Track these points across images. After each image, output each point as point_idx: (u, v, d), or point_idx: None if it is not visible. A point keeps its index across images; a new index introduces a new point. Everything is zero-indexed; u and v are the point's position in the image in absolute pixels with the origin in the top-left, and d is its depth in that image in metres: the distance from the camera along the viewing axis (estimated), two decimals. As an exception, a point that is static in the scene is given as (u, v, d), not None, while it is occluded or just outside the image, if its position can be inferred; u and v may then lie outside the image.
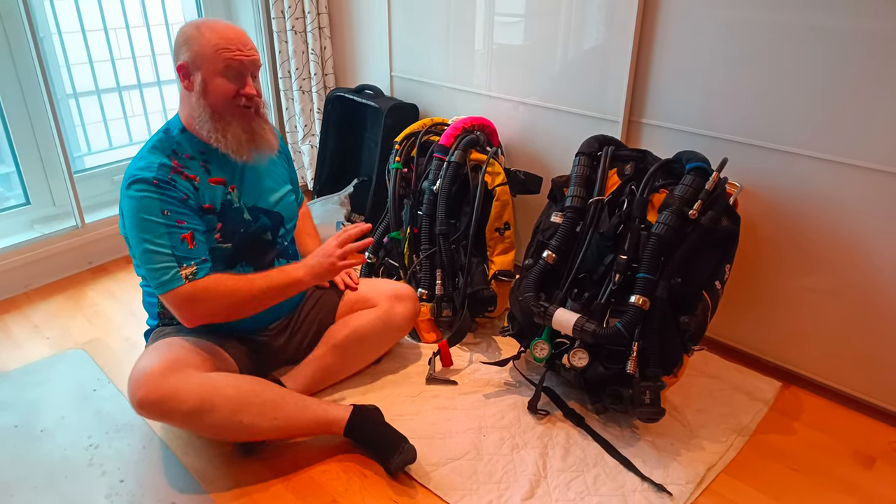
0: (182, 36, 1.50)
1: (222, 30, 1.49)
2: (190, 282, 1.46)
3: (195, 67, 1.49)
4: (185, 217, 1.48)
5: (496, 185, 1.99)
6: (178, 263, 1.46)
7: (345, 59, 2.80)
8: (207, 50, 1.47)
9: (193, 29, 1.50)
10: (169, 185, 1.46)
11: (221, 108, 1.51)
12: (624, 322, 1.54)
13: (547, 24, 2.05)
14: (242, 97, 1.51)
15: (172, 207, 1.46)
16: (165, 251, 1.45)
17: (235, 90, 1.50)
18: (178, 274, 1.45)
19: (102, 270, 2.48)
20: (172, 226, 1.46)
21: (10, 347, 2.02)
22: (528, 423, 1.69)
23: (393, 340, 1.88)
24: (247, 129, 1.54)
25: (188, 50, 1.49)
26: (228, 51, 1.48)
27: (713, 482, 1.53)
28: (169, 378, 1.41)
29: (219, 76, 1.49)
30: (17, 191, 2.41)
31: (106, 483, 1.52)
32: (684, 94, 1.83)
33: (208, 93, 1.50)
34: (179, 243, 1.46)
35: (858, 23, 1.50)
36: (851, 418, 1.74)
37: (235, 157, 1.54)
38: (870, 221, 1.62)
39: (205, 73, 1.49)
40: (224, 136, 1.52)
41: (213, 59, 1.47)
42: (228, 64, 1.48)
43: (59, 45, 2.54)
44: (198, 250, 1.49)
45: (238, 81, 1.50)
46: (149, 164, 1.47)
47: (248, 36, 1.53)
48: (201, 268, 1.48)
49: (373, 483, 1.51)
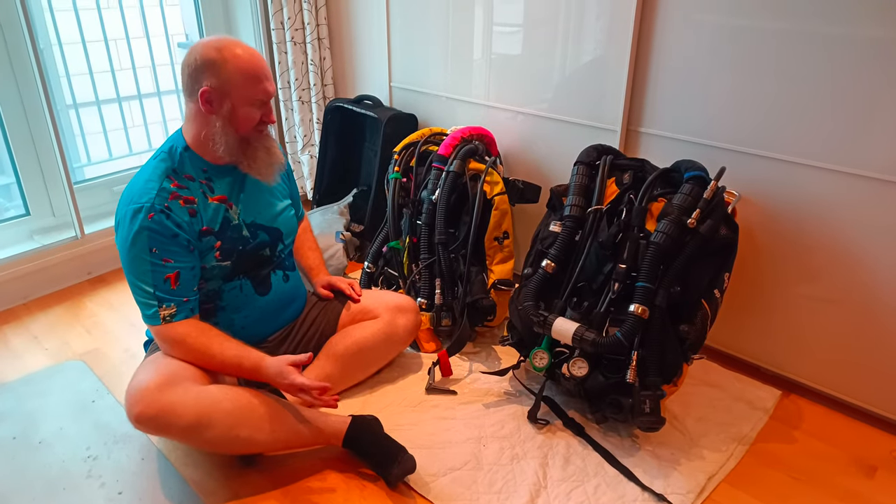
0: (202, 59, 1.45)
1: (248, 58, 1.48)
2: (167, 323, 1.48)
3: (223, 94, 1.47)
4: (173, 255, 1.48)
5: (495, 194, 1.99)
6: (159, 303, 1.48)
7: (344, 70, 2.81)
8: (237, 79, 1.46)
9: (216, 53, 1.45)
10: (164, 214, 1.45)
11: (248, 135, 1.54)
12: (623, 331, 1.54)
13: (545, 33, 2.06)
14: (263, 124, 1.55)
15: (161, 245, 1.46)
16: (148, 289, 1.47)
17: (260, 117, 1.53)
18: (158, 313, 1.48)
19: (101, 281, 2.48)
20: (158, 264, 1.46)
21: (9, 358, 2.02)
22: (527, 432, 1.68)
23: (394, 353, 1.88)
24: (267, 150, 1.58)
25: (213, 76, 1.46)
26: (259, 81, 1.49)
27: (714, 492, 1.52)
28: (166, 393, 1.40)
29: (247, 105, 1.50)
30: (16, 201, 2.41)
31: (104, 495, 1.51)
32: (682, 104, 1.83)
33: (238, 121, 1.50)
34: (162, 283, 1.47)
35: (856, 31, 1.51)
36: (852, 427, 1.74)
37: (264, 180, 1.59)
38: (869, 230, 1.63)
39: (234, 101, 1.48)
40: (253, 162, 1.55)
41: (245, 89, 1.47)
42: (261, 98, 1.51)
43: (59, 56, 2.55)
44: (180, 290, 1.49)
45: (263, 109, 1.53)
46: (148, 191, 1.47)
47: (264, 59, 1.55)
48: (181, 309, 1.50)
49: (372, 493, 1.51)
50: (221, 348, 1.52)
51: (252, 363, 1.51)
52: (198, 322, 1.53)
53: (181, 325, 1.50)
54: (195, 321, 1.52)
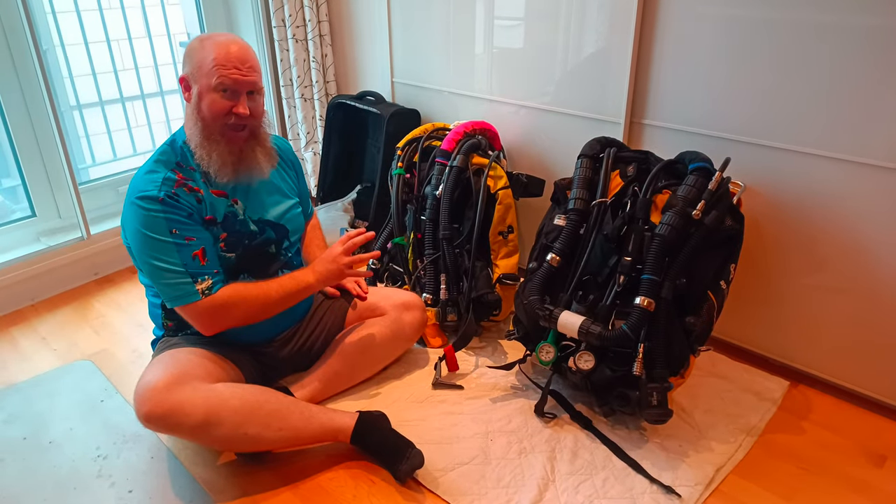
0: (187, 48, 1.52)
1: (225, 45, 1.48)
2: (207, 296, 1.49)
3: (194, 80, 1.51)
4: (194, 232, 1.49)
5: (499, 188, 1.99)
6: (194, 279, 1.48)
7: (346, 67, 2.80)
8: (206, 64, 1.48)
9: (198, 42, 1.51)
10: (174, 199, 1.47)
11: (212, 125, 1.51)
12: (629, 324, 1.54)
13: (547, 26, 2.05)
14: (233, 116, 1.50)
15: (180, 225, 1.47)
16: (178, 269, 1.47)
17: (228, 108, 1.49)
18: (194, 289, 1.48)
19: (108, 281, 2.49)
20: (182, 244, 1.47)
21: (17, 360, 2.03)
22: (535, 426, 1.68)
23: (401, 349, 1.88)
24: (233, 150, 1.54)
25: (189, 62, 1.51)
26: (224, 67, 1.47)
27: (722, 483, 1.52)
28: (174, 392, 1.41)
29: (212, 92, 1.48)
30: (22, 203, 2.42)
31: (115, 494, 1.52)
32: (686, 95, 1.82)
33: (201, 107, 1.50)
34: (191, 260, 1.48)
35: (861, 19, 1.50)
36: (861, 416, 1.73)
37: (217, 178, 1.54)
38: (875, 218, 1.62)
39: (200, 87, 1.49)
40: (209, 155, 1.52)
41: (209, 74, 1.47)
42: (221, 81, 1.47)
43: (62, 58, 2.56)
44: (210, 265, 1.51)
45: (232, 99, 1.49)
46: (153, 180, 1.47)
47: (252, 54, 1.52)
48: (216, 281, 1.51)
49: (381, 489, 1.51)
50: (272, 285, 1.58)
51: (304, 273, 1.63)
52: (232, 284, 1.55)
53: (223, 291, 1.51)
54: (230, 285, 1.54)
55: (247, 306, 1.54)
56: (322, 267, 1.64)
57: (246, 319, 1.57)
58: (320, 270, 1.64)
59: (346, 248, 1.65)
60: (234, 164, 1.54)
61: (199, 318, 1.52)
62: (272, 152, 1.64)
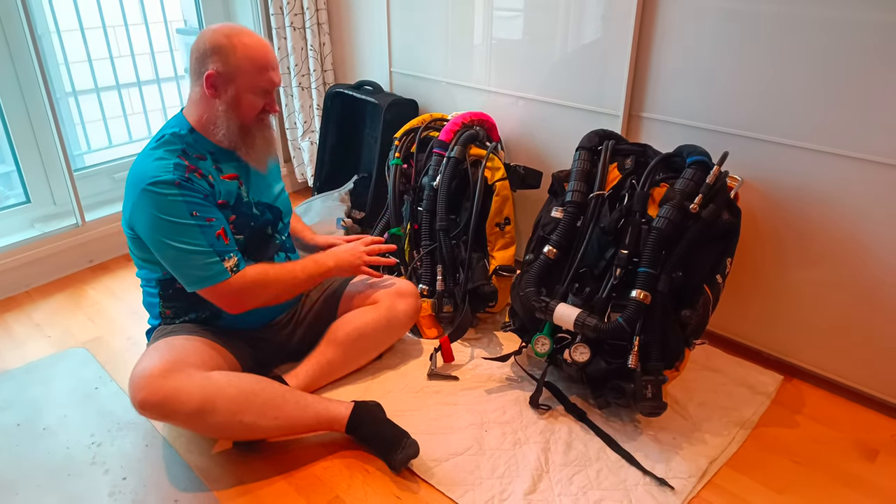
0: (211, 44, 1.49)
1: (257, 46, 1.50)
2: (235, 273, 1.52)
3: (228, 80, 1.50)
4: (213, 213, 1.51)
5: (496, 180, 1.99)
6: (221, 258, 1.50)
7: (344, 56, 2.79)
8: (245, 65, 1.49)
9: (224, 38, 1.48)
10: (189, 183, 1.47)
11: (249, 123, 1.55)
12: (625, 316, 1.54)
13: (546, 18, 2.04)
14: (266, 113, 1.57)
15: (199, 207, 1.48)
16: (205, 249, 1.48)
17: (263, 106, 1.55)
18: (223, 267, 1.50)
19: (103, 269, 2.48)
20: (204, 225, 1.48)
21: (11, 346, 2.03)
22: (529, 418, 1.69)
23: (395, 337, 1.88)
24: (265, 139, 1.61)
25: (220, 61, 1.48)
26: (267, 72, 1.52)
27: (715, 476, 1.53)
28: (170, 379, 1.41)
29: (251, 93, 1.52)
30: (17, 189, 2.41)
31: (109, 481, 1.52)
32: (685, 88, 1.82)
33: (240, 107, 1.53)
34: (216, 240, 1.49)
35: (860, 14, 1.50)
36: (854, 411, 1.74)
37: (258, 167, 1.62)
38: (872, 214, 1.62)
39: (239, 88, 1.51)
40: (251, 149, 1.58)
41: (251, 77, 1.50)
42: (266, 87, 1.53)
43: (57, 44, 2.54)
44: (232, 243, 1.54)
45: (266, 99, 1.55)
46: (165, 167, 1.47)
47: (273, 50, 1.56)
48: (240, 259, 1.54)
49: (375, 479, 1.51)
50: (296, 266, 1.65)
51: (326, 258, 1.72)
52: (256, 264, 1.59)
53: (249, 269, 1.55)
54: (253, 265, 1.57)
55: (274, 285, 1.60)
56: (344, 256, 1.75)
57: (273, 299, 1.62)
58: (341, 258, 1.74)
59: (371, 250, 1.80)
60: (268, 152, 1.63)
61: (227, 296, 1.53)
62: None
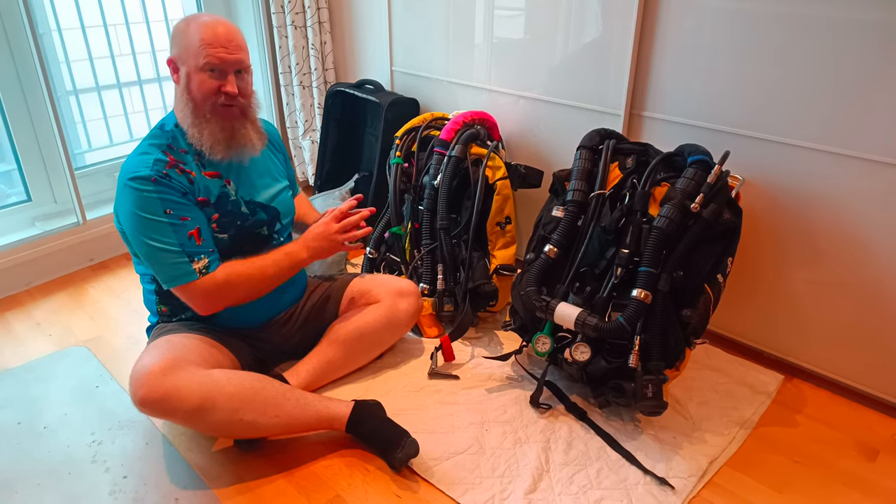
0: (174, 30, 1.52)
1: (211, 26, 1.49)
2: (203, 275, 1.50)
3: (181, 62, 1.51)
4: (188, 212, 1.49)
5: (497, 179, 1.99)
6: (190, 259, 1.49)
7: (345, 54, 2.79)
8: (192, 45, 1.48)
9: (183, 23, 1.51)
10: (167, 179, 1.47)
11: (202, 105, 1.52)
12: (626, 316, 1.54)
13: (547, 16, 2.04)
14: (222, 95, 1.51)
15: (174, 205, 1.47)
16: (174, 248, 1.47)
17: (217, 87, 1.51)
18: (192, 268, 1.49)
19: (103, 267, 2.48)
20: (177, 224, 1.47)
21: (12, 344, 2.03)
22: (530, 417, 1.69)
23: (396, 337, 1.88)
24: (225, 127, 1.54)
25: (176, 44, 1.51)
26: (211, 47, 1.48)
27: (716, 475, 1.53)
28: (170, 376, 1.41)
29: (200, 72, 1.49)
30: (18, 188, 2.41)
31: (109, 479, 1.52)
32: (686, 87, 1.82)
33: (191, 87, 1.51)
34: (187, 240, 1.48)
35: (861, 13, 1.49)
36: (854, 410, 1.74)
37: (211, 156, 1.54)
38: (873, 214, 1.62)
39: (188, 68, 1.50)
40: (200, 134, 1.53)
41: (196, 55, 1.48)
42: (209, 60, 1.48)
43: (58, 42, 2.53)
44: (205, 244, 1.52)
45: (220, 78, 1.51)
46: (144, 162, 1.48)
47: (238, 33, 1.52)
48: (212, 260, 1.52)
49: (376, 478, 1.51)
50: (266, 261, 1.60)
51: (296, 247, 1.64)
52: (228, 262, 1.56)
53: (219, 270, 1.53)
54: (226, 263, 1.55)
55: (244, 285, 1.56)
56: (315, 243, 1.66)
57: (243, 298, 1.59)
58: (313, 246, 1.66)
59: (342, 226, 1.67)
60: (226, 141, 1.55)
61: (196, 297, 1.52)
62: (262, 132, 1.65)
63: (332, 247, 1.68)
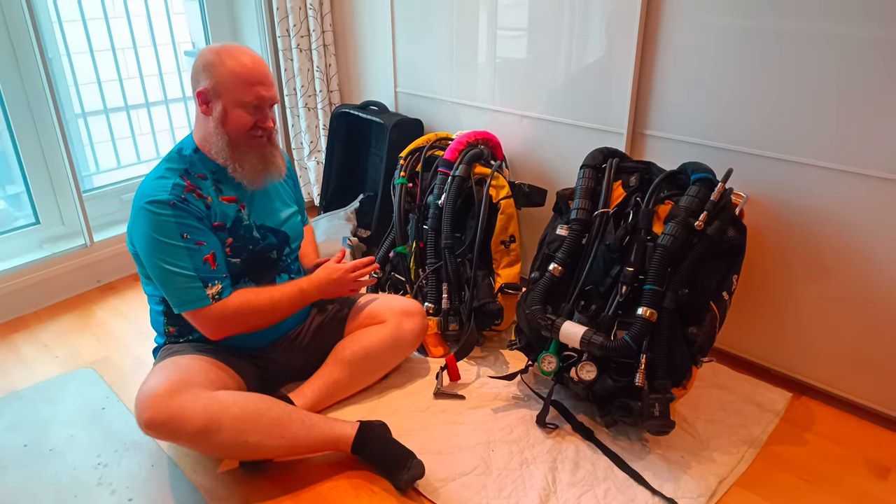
0: (201, 60, 1.51)
1: (245, 61, 1.50)
2: (217, 302, 1.51)
3: (216, 95, 1.51)
4: (204, 237, 1.51)
5: (501, 198, 1.99)
6: (205, 284, 1.50)
7: (349, 76, 2.82)
8: (229, 80, 1.49)
9: (214, 55, 1.50)
10: (184, 204, 1.48)
11: (238, 138, 1.54)
12: (632, 334, 1.53)
13: (549, 37, 2.06)
14: (259, 129, 1.55)
15: (191, 229, 1.49)
16: (189, 273, 1.48)
17: (254, 122, 1.53)
18: (205, 294, 1.50)
19: (111, 289, 2.49)
20: (193, 248, 1.48)
21: (19, 367, 2.03)
22: (536, 437, 1.68)
23: (401, 357, 1.88)
24: (261, 157, 1.59)
25: (209, 77, 1.50)
26: (252, 86, 1.50)
27: (725, 495, 1.51)
28: (175, 399, 1.41)
29: (239, 108, 1.51)
30: (26, 211, 2.43)
31: (115, 502, 1.52)
32: (688, 105, 1.83)
33: (228, 122, 1.52)
34: (202, 265, 1.50)
35: (864, 31, 1.50)
36: (864, 428, 1.73)
37: (249, 187, 1.60)
38: (878, 230, 1.62)
39: (225, 103, 1.51)
40: (241, 166, 1.56)
41: (235, 91, 1.49)
42: (251, 100, 1.51)
43: (67, 66, 2.57)
44: (219, 269, 1.54)
45: (257, 114, 1.54)
46: (163, 186, 1.49)
47: (266, 67, 1.55)
48: (225, 285, 1.54)
49: (381, 499, 1.51)
50: (278, 294, 1.62)
51: (310, 287, 1.68)
52: (241, 290, 1.58)
53: (232, 297, 1.55)
54: (239, 291, 1.57)
55: (255, 315, 1.59)
56: (326, 285, 1.71)
57: (253, 327, 1.62)
58: (324, 288, 1.71)
59: (356, 276, 1.76)
60: (264, 170, 1.60)
61: (207, 323, 1.53)
62: (283, 155, 1.69)
63: (339, 291, 1.76)
